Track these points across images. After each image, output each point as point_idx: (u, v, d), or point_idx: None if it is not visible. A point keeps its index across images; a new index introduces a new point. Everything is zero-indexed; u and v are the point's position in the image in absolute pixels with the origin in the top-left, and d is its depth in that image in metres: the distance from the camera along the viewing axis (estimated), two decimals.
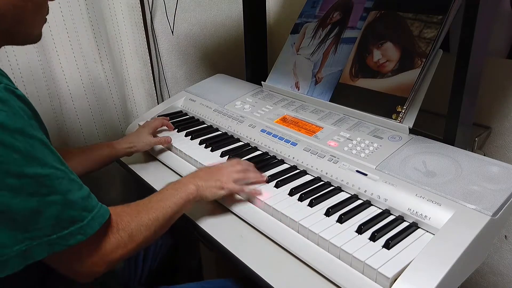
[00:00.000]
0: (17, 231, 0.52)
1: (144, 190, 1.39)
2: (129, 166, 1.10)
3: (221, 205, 0.88)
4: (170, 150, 1.10)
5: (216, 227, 0.83)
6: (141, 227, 0.67)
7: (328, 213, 0.77)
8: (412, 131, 0.91)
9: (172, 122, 1.22)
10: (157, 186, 0.99)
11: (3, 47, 0.64)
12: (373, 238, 0.70)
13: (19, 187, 0.51)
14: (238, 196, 0.87)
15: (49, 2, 0.65)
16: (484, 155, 0.85)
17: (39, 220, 0.53)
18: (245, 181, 0.86)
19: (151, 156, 1.13)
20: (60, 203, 0.55)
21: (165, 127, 1.18)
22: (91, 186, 0.62)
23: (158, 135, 1.15)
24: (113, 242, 0.62)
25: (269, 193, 0.85)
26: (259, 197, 0.83)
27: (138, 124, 1.23)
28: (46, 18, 0.67)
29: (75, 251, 0.57)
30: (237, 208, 0.85)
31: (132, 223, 0.66)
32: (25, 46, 1.13)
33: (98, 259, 0.60)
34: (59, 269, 0.60)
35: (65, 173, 0.57)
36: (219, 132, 1.15)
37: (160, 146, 1.12)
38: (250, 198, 0.85)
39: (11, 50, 1.12)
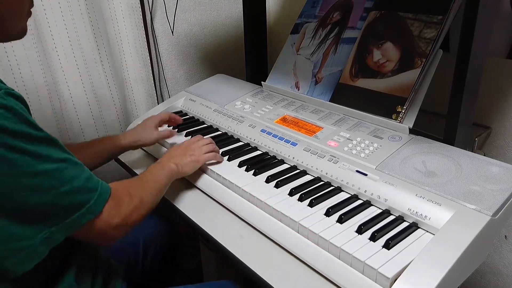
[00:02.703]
0: (38, 223, 0.58)
1: None
2: (131, 167, 1.10)
3: (221, 205, 0.88)
4: None
5: (216, 227, 0.83)
6: (148, 194, 0.76)
7: (328, 213, 0.77)
8: (412, 131, 0.91)
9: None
10: None
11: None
12: (373, 238, 0.70)
13: (36, 185, 0.56)
14: (238, 196, 0.87)
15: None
16: (484, 155, 0.85)
17: (55, 211, 0.58)
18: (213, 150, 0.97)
19: (152, 156, 1.13)
20: (71, 192, 0.59)
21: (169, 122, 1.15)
22: None
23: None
24: (129, 207, 0.69)
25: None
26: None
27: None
28: (31, 12, 0.65)
29: (91, 225, 0.63)
30: (237, 208, 0.85)
31: (141, 191, 0.75)
32: (25, 46, 1.13)
33: (119, 221, 0.67)
34: (85, 239, 0.67)
35: (67, 160, 0.61)
36: (219, 132, 1.15)
37: (164, 148, 1.12)
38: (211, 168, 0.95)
39: (11, 50, 1.12)
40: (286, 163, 0.97)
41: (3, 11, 0.59)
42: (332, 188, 0.86)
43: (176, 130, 1.17)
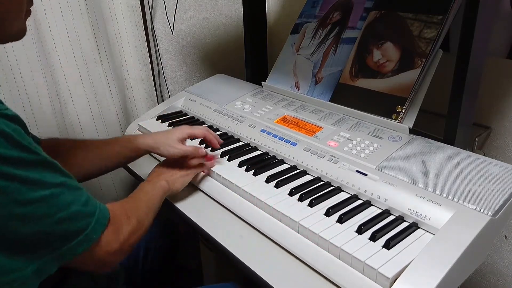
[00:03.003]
0: (30, 254, 0.53)
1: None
2: (132, 168, 1.10)
3: (221, 205, 0.88)
4: None
5: (216, 227, 0.83)
6: (144, 214, 0.73)
7: (328, 213, 0.77)
8: (412, 131, 0.91)
9: (172, 123, 1.21)
10: None
11: None
12: (373, 238, 0.70)
13: (27, 214, 0.52)
14: (238, 196, 0.87)
15: None
16: (484, 155, 0.85)
17: (49, 240, 0.54)
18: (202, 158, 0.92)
19: (149, 154, 1.12)
20: (67, 219, 0.56)
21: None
22: (89, 186, 0.62)
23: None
24: (127, 230, 0.66)
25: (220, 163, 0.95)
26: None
27: (138, 124, 1.23)
28: (30, 11, 0.63)
29: (88, 253, 0.59)
30: (238, 208, 0.85)
31: (137, 211, 0.71)
32: (25, 47, 1.13)
33: (118, 246, 0.63)
34: (80, 267, 0.63)
35: (64, 184, 0.57)
36: (219, 132, 1.15)
37: None
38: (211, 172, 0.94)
39: (11, 50, 1.12)
40: (286, 163, 0.97)
41: (2, 11, 0.57)
42: (332, 188, 0.86)
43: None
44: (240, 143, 1.07)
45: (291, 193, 0.84)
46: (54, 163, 0.57)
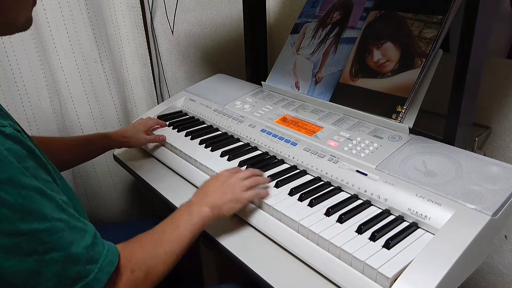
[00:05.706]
0: None
1: (143, 189, 1.38)
2: (132, 168, 1.10)
3: None
4: (171, 150, 1.10)
5: (216, 227, 0.82)
6: (157, 263, 0.62)
7: (328, 213, 0.77)
8: (412, 131, 0.91)
9: (172, 122, 1.22)
10: (157, 186, 1.00)
11: None
12: (373, 238, 0.70)
13: (13, 247, 0.45)
14: None
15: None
16: (484, 155, 0.85)
17: (39, 282, 0.47)
18: (256, 186, 0.82)
19: (149, 154, 1.13)
20: (62, 260, 0.49)
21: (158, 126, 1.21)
22: (90, 186, 0.59)
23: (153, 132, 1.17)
24: (128, 285, 0.57)
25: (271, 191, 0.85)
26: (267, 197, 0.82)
27: None
28: (35, 1, 0.59)
29: None
30: None
31: (148, 260, 0.60)
32: (25, 47, 1.13)
33: None
34: None
35: (66, 222, 0.51)
36: (219, 132, 1.15)
37: (159, 146, 1.12)
38: (258, 201, 0.82)
39: (11, 50, 1.12)
40: (286, 163, 0.97)
41: (5, 1, 0.52)
42: (332, 188, 0.86)
43: (176, 130, 1.17)
44: (240, 143, 1.07)
45: (291, 193, 0.84)
46: (55, 196, 0.50)
